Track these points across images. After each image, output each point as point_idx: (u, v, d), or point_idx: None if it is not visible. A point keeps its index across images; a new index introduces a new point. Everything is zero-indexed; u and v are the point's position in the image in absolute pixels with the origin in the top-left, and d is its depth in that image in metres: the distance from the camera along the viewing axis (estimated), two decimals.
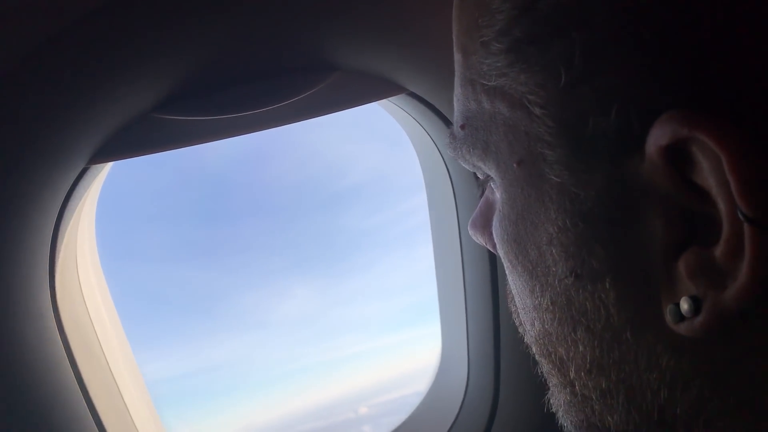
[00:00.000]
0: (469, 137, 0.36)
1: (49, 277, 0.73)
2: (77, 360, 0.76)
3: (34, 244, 0.69)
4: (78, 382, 0.77)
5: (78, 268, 0.81)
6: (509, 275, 0.38)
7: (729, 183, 0.23)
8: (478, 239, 0.44)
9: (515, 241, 0.34)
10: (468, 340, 0.99)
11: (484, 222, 0.42)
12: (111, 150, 0.71)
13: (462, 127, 0.36)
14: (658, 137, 0.25)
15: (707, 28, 0.24)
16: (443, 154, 0.87)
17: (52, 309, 0.73)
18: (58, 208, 0.71)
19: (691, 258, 0.26)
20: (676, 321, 0.27)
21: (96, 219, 0.86)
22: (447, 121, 0.81)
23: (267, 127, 0.74)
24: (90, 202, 0.83)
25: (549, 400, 0.39)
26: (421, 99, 0.80)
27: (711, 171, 0.24)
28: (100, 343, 0.82)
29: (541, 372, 0.39)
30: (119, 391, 0.85)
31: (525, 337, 0.40)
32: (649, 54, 0.25)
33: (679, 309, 0.27)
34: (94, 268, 0.86)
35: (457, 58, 0.35)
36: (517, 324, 0.41)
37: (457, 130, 0.37)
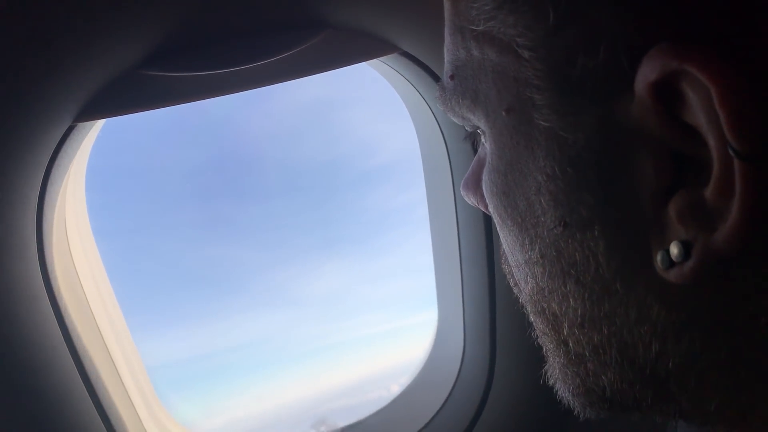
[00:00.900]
0: (458, 87, 0.35)
1: (36, 238, 0.73)
2: (65, 319, 0.76)
3: (20, 202, 0.68)
4: (67, 343, 0.77)
5: (67, 227, 0.80)
6: (500, 231, 0.38)
7: (719, 118, 0.23)
8: (471, 200, 0.44)
9: (504, 193, 0.34)
10: (464, 309, 0.98)
11: (476, 181, 0.42)
12: (98, 107, 0.70)
13: (451, 77, 0.36)
14: (647, 73, 0.25)
15: None
16: (437, 115, 0.85)
17: (39, 268, 0.73)
18: (44, 167, 0.70)
19: (680, 201, 0.26)
20: (666, 267, 0.27)
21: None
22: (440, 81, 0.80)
23: (256, 86, 0.73)
24: (80, 162, 0.82)
25: (546, 372, 0.38)
26: (414, 59, 0.78)
27: (701, 106, 0.24)
28: (87, 300, 0.82)
29: (537, 339, 0.39)
30: (108, 351, 0.85)
31: (520, 297, 0.39)
32: None
33: (669, 255, 0.26)
34: (83, 228, 0.86)
35: (447, 6, 0.35)
36: (512, 285, 0.40)
37: (447, 81, 0.37)
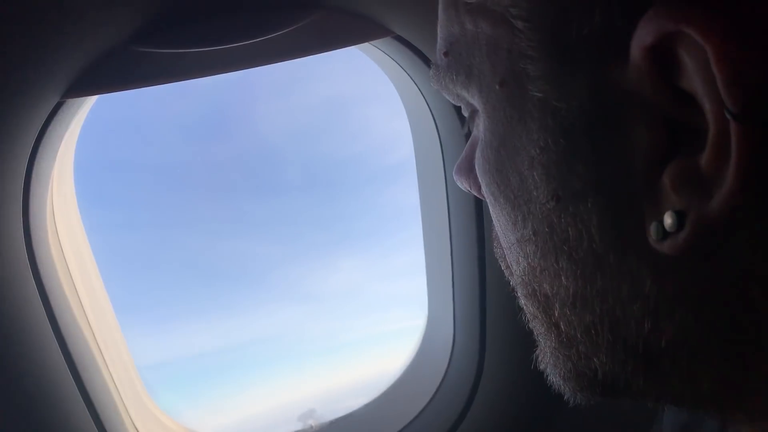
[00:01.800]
0: (452, 64, 0.35)
1: (23, 218, 0.72)
2: (51, 303, 0.75)
3: (6, 179, 0.68)
4: (52, 326, 0.76)
5: (54, 208, 0.79)
6: (492, 211, 0.37)
7: (715, 79, 0.22)
8: (464, 184, 0.43)
9: (497, 169, 0.34)
10: (454, 301, 0.98)
11: (468, 166, 0.42)
12: (87, 84, 0.69)
13: (445, 54, 0.36)
14: (642, 36, 0.24)
15: None
16: (429, 102, 0.85)
17: (25, 248, 0.72)
18: (31, 145, 0.69)
19: (675, 169, 0.25)
20: (659, 238, 0.26)
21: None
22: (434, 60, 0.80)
23: (246, 66, 0.72)
24: (70, 142, 0.81)
25: (536, 358, 0.38)
26: (407, 43, 0.78)
27: (697, 69, 0.23)
28: (74, 285, 0.81)
29: (527, 326, 0.38)
30: (98, 346, 0.84)
31: (511, 281, 0.39)
32: None
33: (663, 226, 0.26)
34: (72, 207, 0.85)
35: None
36: (504, 268, 0.40)
37: (440, 59, 0.36)
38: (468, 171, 0.42)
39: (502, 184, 0.34)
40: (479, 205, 0.86)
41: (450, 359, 1.02)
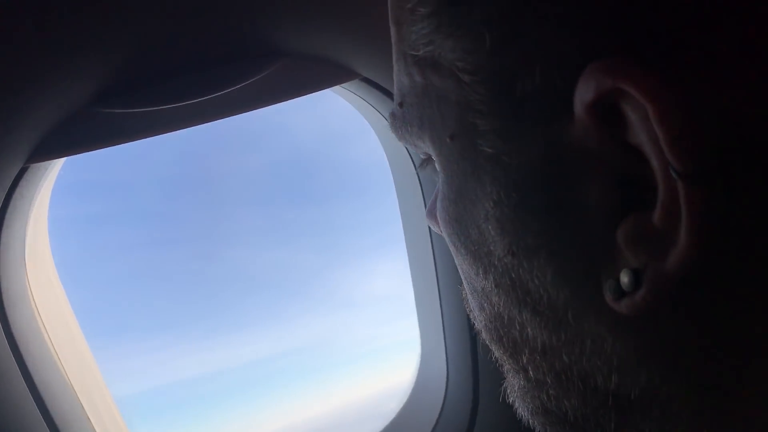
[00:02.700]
0: (406, 115, 0.35)
1: None
2: (29, 367, 0.74)
3: None
4: (30, 389, 0.74)
5: (28, 274, 0.78)
6: (455, 258, 0.37)
7: (658, 137, 0.22)
8: (435, 227, 0.43)
9: (456, 221, 0.33)
10: (445, 338, 0.96)
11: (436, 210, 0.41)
12: (51, 147, 0.68)
13: (400, 105, 0.35)
14: (583, 93, 0.24)
15: None
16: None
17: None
18: None
19: (629, 227, 0.24)
20: (616, 298, 0.25)
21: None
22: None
23: (213, 119, 0.72)
24: (41, 206, 0.80)
25: (505, 390, 0.37)
26: (374, 84, 0.77)
27: (640, 125, 0.22)
28: (54, 351, 0.80)
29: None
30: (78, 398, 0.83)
31: (475, 324, 0.38)
32: (567, 7, 0.24)
33: (620, 285, 0.25)
34: (48, 273, 0.84)
35: (392, 31, 0.35)
36: (468, 311, 0.39)
37: (396, 109, 0.36)
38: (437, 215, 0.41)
39: (462, 235, 0.33)
40: None
41: (445, 395, 1.00)
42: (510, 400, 0.37)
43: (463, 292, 0.39)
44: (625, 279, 0.25)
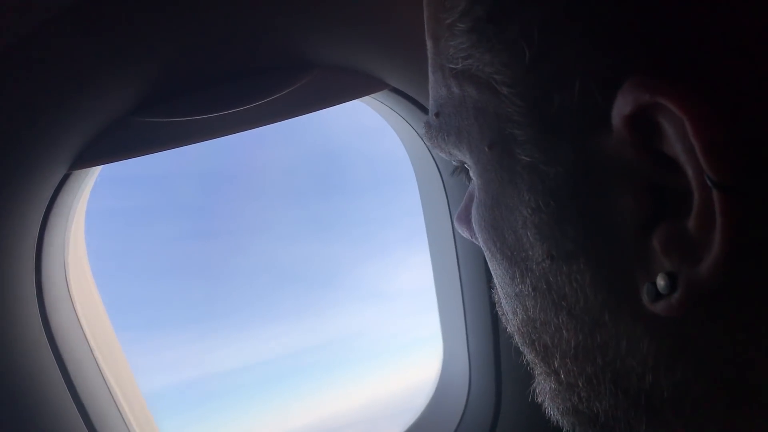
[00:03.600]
0: (443, 125, 0.36)
1: (36, 291, 0.73)
2: (68, 368, 0.76)
3: (18, 255, 0.69)
4: (72, 396, 0.76)
5: (69, 278, 0.80)
6: (490, 263, 0.38)
7: (695, 149, 0.23)
8: (465, 233, 0.44)
9: (492, 227, 0.34)
10: (467, 339, 0.97)
11: (468, 215, 0.42)
12: (93, 155, 0.71)
13: (436, 115, 0.36)
14: (621, 107, 0.25)
15: None
16: (432, 149, 0.86)
17: (40, 320, 0.73)
18: (40, 217, 0.71)
19: (663, 233, 0.26)
20: (653, 300, 0.26)
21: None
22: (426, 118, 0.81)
23: (248, 128, 0.74)
24: (80, 210, 0.83)
25: (534, 390, 0.38)
26: (403, 94, 0.79)
27: (676, 137, 0.24)
28: (92, 351, 0.82)
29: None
30: (114, 402, 0.85)
31: (507, 327, 0.39)
32: (606, 24, 0.25)
33: (656, 287, 0.26)
34: (87, 276, 0.86)
35: (429, 45, 0.35)
36: (500, 314, 0.40)
37: (432, 119, 0.37)
38: (468, 220, 0.42)
39: (499, 241, 0.34)
40: None
41: (467, 399, 1.02)
42: (539, 400, 0.38)
43: (496, 296, 0.40)
44: (661, 282, 0.26)
